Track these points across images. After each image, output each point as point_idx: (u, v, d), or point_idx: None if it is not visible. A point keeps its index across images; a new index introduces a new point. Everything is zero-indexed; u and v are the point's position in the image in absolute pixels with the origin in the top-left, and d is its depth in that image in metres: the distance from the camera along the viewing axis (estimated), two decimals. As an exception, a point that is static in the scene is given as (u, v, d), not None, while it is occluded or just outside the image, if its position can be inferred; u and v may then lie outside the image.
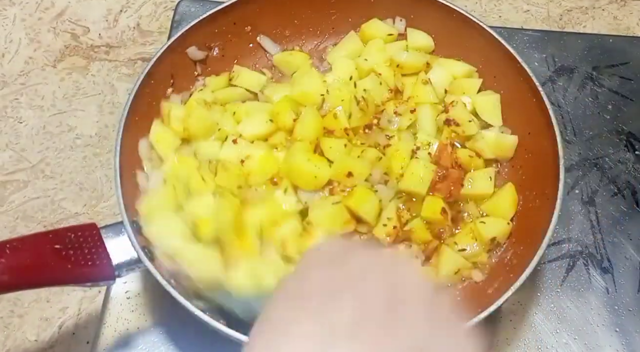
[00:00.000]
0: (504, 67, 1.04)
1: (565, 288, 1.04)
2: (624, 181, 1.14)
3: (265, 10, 1.11)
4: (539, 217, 0.91)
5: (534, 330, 1.00)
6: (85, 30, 1.33)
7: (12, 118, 1.22)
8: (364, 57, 1.08)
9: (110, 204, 1.14)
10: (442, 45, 1.13)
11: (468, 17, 1.06)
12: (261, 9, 1.10)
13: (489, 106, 1.05)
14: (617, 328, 1.00)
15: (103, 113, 1.23)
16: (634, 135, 1.18)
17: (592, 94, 1.23)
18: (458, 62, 1.09)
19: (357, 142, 1.01)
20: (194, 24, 1.05)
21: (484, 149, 1.02)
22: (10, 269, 0.76)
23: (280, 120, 1.00)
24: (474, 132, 1.02)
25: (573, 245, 1.07)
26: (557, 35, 1.30)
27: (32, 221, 1.12)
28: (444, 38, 1.12)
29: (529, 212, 0.98)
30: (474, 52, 1.09)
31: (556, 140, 0.94)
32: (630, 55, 1.27)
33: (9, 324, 1.04)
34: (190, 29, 1.04)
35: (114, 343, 0.97)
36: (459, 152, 1.02)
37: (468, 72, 1.08)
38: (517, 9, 1.38)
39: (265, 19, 1.12)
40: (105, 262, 0.84)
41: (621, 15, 1.37)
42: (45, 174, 1.17)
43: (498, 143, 1.02)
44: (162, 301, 0.99)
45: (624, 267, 1.06)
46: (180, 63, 1.06)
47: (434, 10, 1.09)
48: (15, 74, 1.27)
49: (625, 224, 1.10)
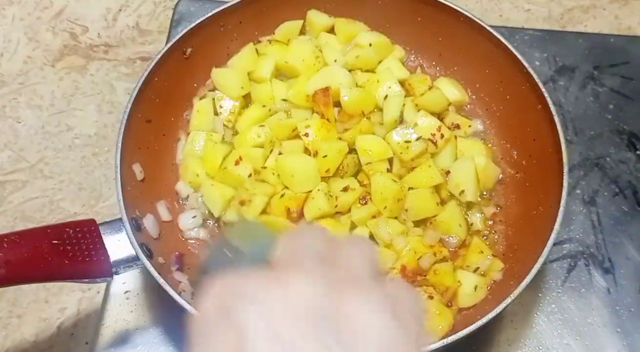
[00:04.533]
0: (509, 71, 1.03)
1: (566, 288, 1.03)
2: (625, 181, 1.14)
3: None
4: (541, 224, 0.91)
5: (535, 330, 1.00)
6: (84, 29, 1.32)
7: (11, 118, 1.21)
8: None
9: (109, 204, 1.13)
10: (448, 50, 1.12)
11: (474, 21, 1.05)
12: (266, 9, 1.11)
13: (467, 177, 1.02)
14: (619, 328, 1.00)
15: (102, 113, 1.23)
16: (635, 135, 1.18)
17: (593, 94, 1.22)
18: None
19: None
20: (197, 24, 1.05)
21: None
22: (7, 262, 0.76)
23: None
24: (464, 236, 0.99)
25: (574, 245, 1.07)
26: (558, 35, 1.30)
27: (30, 220, 1.12)
28: (449, 42, 1.11)
29: (531, 219, 0.97)
30: (480, 57, 1.08)
31: (561, 148, 0.93)
32: (631, 54, 1.27)
33: (8, 324, 1.03)
34: (193, 29, 1.04)
35: (113, 343, 0.97)
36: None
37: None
38: (517, 8, 1.38)
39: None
40: (103, 259, 0.83)
41: (622, 14, 1.37)
42: (44, 174, 1.16)
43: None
44: (161, 301, 0.99)
45: (625, 267, 1.05)
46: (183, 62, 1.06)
47: (439, 13, 1.08)
48: (14, 74, 1.26)
49: (626, 224, 1.09)
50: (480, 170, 1.01)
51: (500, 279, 0.95)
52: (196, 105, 1.07)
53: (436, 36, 1.12)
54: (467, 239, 0.99)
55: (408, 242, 0.95)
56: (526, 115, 1.02)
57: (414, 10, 1.11)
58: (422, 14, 1.11)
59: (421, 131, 1.00)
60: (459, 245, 0.98)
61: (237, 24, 1.10)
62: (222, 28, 1.09)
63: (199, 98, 1.09)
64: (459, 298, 0.93)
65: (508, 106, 1.07)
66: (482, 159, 1.02)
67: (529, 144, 1.02)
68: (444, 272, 0.94)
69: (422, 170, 0.99)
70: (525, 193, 1.01)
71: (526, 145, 1.03)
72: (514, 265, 0.95)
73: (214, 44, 1.09)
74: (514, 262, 0.95)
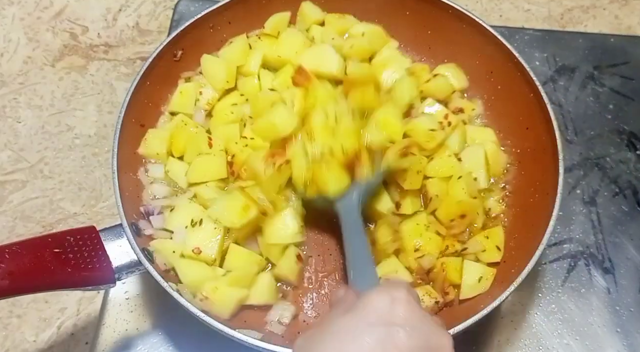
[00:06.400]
0: (500, 62, 1.04)
1: (566, 288, 1.03)
2: (625, 180, 1.14)
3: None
4: (539, 212, 0.91)
5: (534, 331, 1.00)
6: (84, 29, 1.32)
7: (11, 118, 1.21)
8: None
9: (109, 204, 1.13)
10: (437, 43, 1.13)
11: (463, 12, 1.06)
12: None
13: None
14: (619, 329, 1.00)
15: (102, 113, 1.23)
16: (635, 135, 1.18)
17: (593, 94, 1.22)
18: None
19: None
20: (191, 22, 1.05)
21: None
22: (10, 274, 0.76)
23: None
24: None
25: (574, 245, 1.07)
26: (558, 35, 1.30)
27: (30, 221, 1.12)
28: (438, 34, 1.12)
29: (529, 207, 0.98)
30: (469, 48, 1.08)
31: (554, 133, 0.94)
32: (631, 54, 1.27)
33: (8, 325, 1.03)
34: (187, 27, 1.05)
35: (113, 344, 0.97)
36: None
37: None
38: (518, 8, 1.38)
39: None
40: (105, 265, 0.83)
41: (622, 14, 1.37)
42: (44, 174, 1.16)
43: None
44: (161, 301, 0.99)
45: (625, 267, 1.05)
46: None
47: (428, 6, 1.09)
48: (14, 74, 1.26)
49: (626, 224, 1.09)
50: (490, 156, 1.01)
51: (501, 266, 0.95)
52: (180, 87, 1.06)
53: (425, 29, 1.13)
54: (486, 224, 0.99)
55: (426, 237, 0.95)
56: (518, 104, 1.03)
57: (402, 4, 1.11)
58: (411, 8, 1.11)
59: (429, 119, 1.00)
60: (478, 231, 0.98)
61: (226, 24, 1.10)
62: (212, 29, 1.09)
63: (185, 80, 1.08)
64: (462, 289, 0.92)
65: (500, 96, 1.08)
66: (491, 145, 1.03)
67: (522, 132, 1.03)
68: (452, 268, 0.93)
69: (441, 160, 0.99)
70: (521, 182, 1.02)
71: (520, 134, 1.03)
72: (514, 253, 0.94)
73: (204, 46, 1.09)
74: (514, 249, 0.95)
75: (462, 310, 0.91)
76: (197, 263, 0.90)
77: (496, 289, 0.89)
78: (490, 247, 0.95)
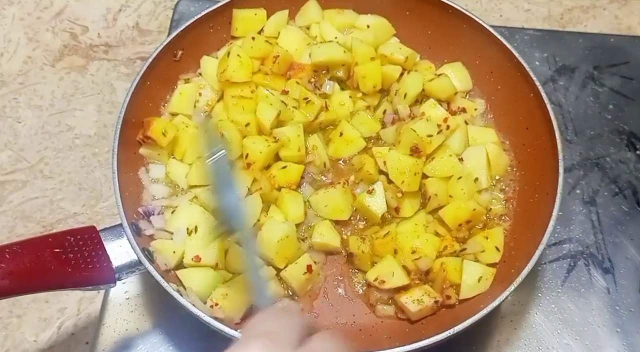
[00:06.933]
0: (500, 62, 1.05)
1: (566, 288, 1.03)
2: (625, 180, 1.14)
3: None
4: (539, 212, 0.92)
5: (534, 330, 1.00)
6: (84, 29, 1.32)
7: (11, 118, 1.21)
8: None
9: (109, 204, 1.13)
10: (438, 42, 1.13)
11: (463, 12, 1.06)
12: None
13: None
14: (619, 328, 1.00)
15: (102, 113, 1.23)
16: (635, 135, 1.18)
17: (593, 94, 1.22)
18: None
19: None
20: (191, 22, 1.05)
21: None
22: (10, 273, 0.76)
23: None
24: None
25: (574, 245, 1.07)
26: (558, 35, 1.30)
27: (30, 220, 1.12)
28: (438, 34, 1.12)
29: (529, 207, 0.98)
30: (469, 47, 1.09)
31: (554, 133, 0.95)
32: (631, 54, 1.27)
33: (8, 324, 1.03)
34: (187, 28, 1.05)
35: (113, 344, 0.97)
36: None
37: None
38: (517, 8, 1.38)
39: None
40: (105, 265, 0.83)
41: (622, 14, 1.37)
42: (44, 174, 1.16)
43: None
44: (161, 301, 0.99)
45: (625, 267, 1.05)
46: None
47: (428, 6, 1.09)
48: (14, 74, 1.26)
49: (626, 224, 1.09)
50: (491, 157, 1.01)
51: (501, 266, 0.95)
52: (179, 88, 1.06)
53: (425, 29, 1.13)
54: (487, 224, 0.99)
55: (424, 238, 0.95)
56: (518, 104, 1.03)
57: (402, 4, 1.12)
58: (411, 8, 1.12)
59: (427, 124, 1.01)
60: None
61: (226, 24, 1.10)
62: (212, 29, 1.09)
63: (184, 81, 1.08)
64: (462, 289, 0.92)
65: (500, 96, 1.08)
66: (493, 146, 1.03)
67: (522, 132, 1.03)
68: (452, 268, 0.93)
69: (441, 161, 0.99)
70: (521, 182, 1.02)
71: (520, 134, 1.03)
72: (514, 253, 0.95)
73: (204, 46, 1.09)
74: (514, 249, 0.95)
75: (462, 310, 0.91)
76: (201, 269, 0.90)
77: (496, 289, 0.89)
78: (489, 247, 0.95)
